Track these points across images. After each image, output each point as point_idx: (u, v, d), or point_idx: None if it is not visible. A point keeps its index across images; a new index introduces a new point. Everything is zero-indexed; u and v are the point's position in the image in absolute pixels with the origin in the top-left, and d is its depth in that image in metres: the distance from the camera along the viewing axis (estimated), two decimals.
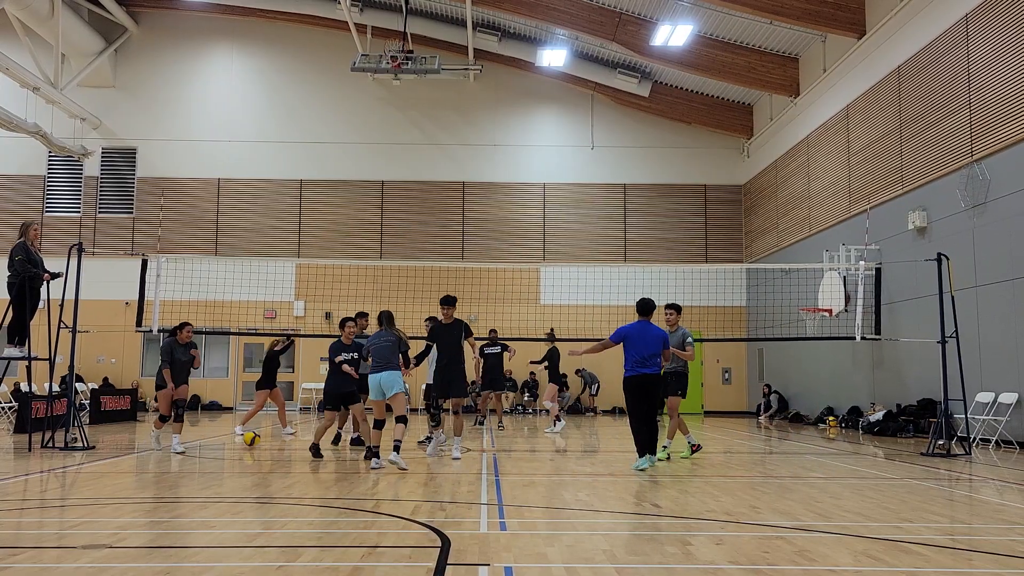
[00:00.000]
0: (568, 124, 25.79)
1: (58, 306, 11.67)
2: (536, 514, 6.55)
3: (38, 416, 13.00)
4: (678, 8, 20.04)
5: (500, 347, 16.46)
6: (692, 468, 10.22)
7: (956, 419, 13.06)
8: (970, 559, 5.02)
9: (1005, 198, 13.10)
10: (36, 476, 8.89)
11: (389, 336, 9.80)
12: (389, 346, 9.73)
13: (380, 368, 9.68)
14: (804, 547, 5.24)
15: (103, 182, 25.25)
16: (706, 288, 21.77)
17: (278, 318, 24.19)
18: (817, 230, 19.95)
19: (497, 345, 16.45)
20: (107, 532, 5.69)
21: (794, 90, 21.02)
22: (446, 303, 10.89)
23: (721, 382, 25.21)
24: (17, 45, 21.92)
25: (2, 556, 4.85)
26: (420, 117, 25.72)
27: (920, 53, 15.53)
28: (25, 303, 11.33)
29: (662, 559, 4.91)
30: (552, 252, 25.20)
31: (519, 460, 10.85)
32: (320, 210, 25.22)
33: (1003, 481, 8.98)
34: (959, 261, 13.28)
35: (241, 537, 5.71)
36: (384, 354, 9.72)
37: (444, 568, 4.64)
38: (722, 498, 7.40)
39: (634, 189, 25.53)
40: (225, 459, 10.70)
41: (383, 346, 9.74)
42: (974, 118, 13.89)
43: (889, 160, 16.65)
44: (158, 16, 25.80)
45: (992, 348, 13.28)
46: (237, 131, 25.41)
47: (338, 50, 24.83)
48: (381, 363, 9.68)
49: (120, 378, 24.05)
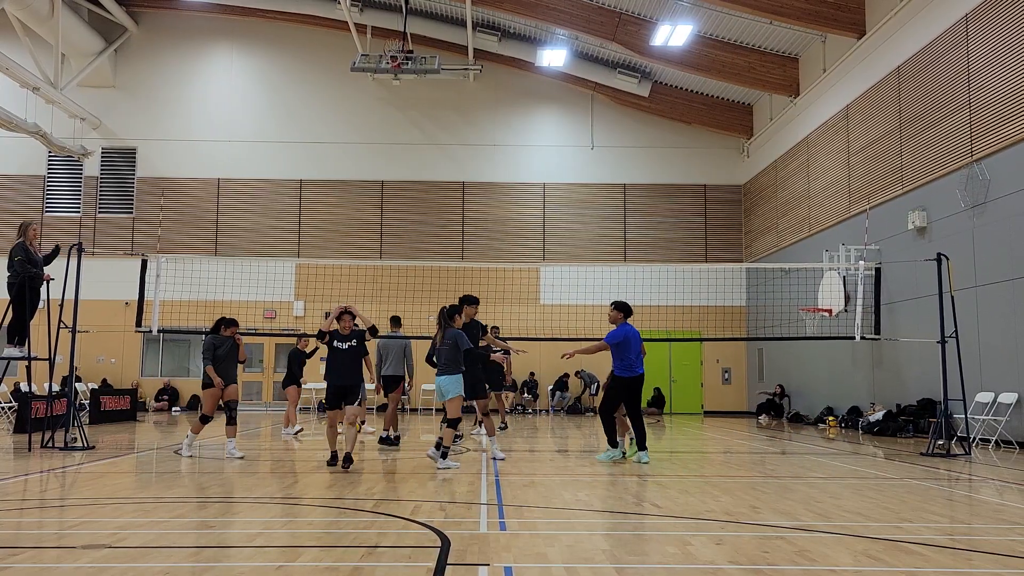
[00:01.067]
0: (568, 124, 25.79)
1: (58, 306, 11.67)
2: (536, 514, 6.55)
3: (38, 416, 12.99)
4: (678, 8, 20.04)
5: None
6: (692, 468, 10.23)
7: (956, 419, 13.06)
8: (970, 559, 5.02)
9: (1005, 198, 13.10)
10: (36, 476, 8.89)
11: (448, 337, 9.69)
12: (448, 348, 9.62)
13: (440, 371, 9.65)
14: (804, 547, 5.24)
15: (103, 182, 25.25)
16: (706, 288, 21.79)
17: (278, 318, 24.19)
18: (817, 230, 19.95)
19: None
20: (107, 532, 5.69)
21: (794, 90, 21.02)
22: (470, 302, 10.87)
23: (721, 382, 25.21)
24: (17, 45, 21.92)
25: (2, 556, 4.85)
26: (420, 117, 25.72)
27: (920, 53, 15.53)
28: (25, 303, 11.34)
29: (662, 559, 4.91)
30: (552, 252, 25.21)
31: (519, 460, 10.84)
32: (320, 210, 25.23)
33: (1003, 481, 8.98)
34: (959, 261, 13.28)
35: (241, 537, 5.71)
36: (447, 355, 9.62)
37: (444, 568, 4.64)
38: (722, 498, 7.40)
39: (634, 189, 25.53)
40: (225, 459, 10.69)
41: (444, 348, 9.65)
42: (974, 118, 13.89)
43: (889, 160, 16.66)
44: (158, 16, 25.80)
45: (992, 348, 13.28)
46: (237, 131, 25.41)
47: (338, 50, 24.84)
48: (443, 366, 9.63)
49: (120, 378, 24.06)
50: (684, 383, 25.14)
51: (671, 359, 25.03)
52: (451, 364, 9.57)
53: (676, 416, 23.76)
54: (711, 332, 22.24)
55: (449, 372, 9.58)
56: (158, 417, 21.26)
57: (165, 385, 24.31)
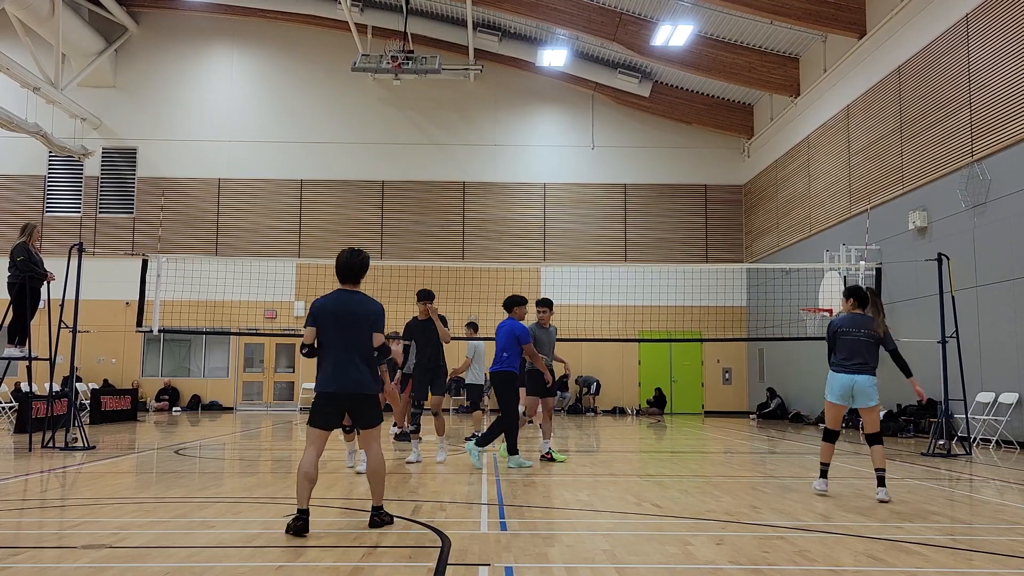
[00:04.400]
0: (568, 124, 25.79)
1: (58, 306, 11.67)
2: (536, 514, 6.54)
3: (38, 416, 13.00)
4: (678, 8, 20.04)
5: None
6: (693, 468, 10.22)
7: (956, 419, 13.06)
8: (970, 559, 5.02)
9: (1005, 198, 13.10)
10: (36, 476, 8.89)
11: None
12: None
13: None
14: (804, 547, 5.24)
15: (103, 182, 25.26)
16: (706, 288, 21.80)
17: (278, 318, 24.19)
18: (817, 230, 19.95)
19: None
20: (107, 532, 5.69)
21: (794, 90, 21.02)
22: (423, 298, 9.96)
23: (721, 382, 25.20)
24: (17, 45, 21.92)
25: (2, 556, 4.85)
26: (420, 117, 25.72)
27: (920, 53, 15.52)
28: (25, 303, 11.34)
29: (663, 559, 4.90)
30: (552, 252, 25.20)
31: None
32: (320, 210, 25.23)
33: (1003, 481, 8.98)
34: (959, 261, 13.28)
35: (241, 537, 5.71)
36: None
37: (444, 568, 4.64)
38: (722, 498, 7.40)
39: (634, 189, 25.53)
40: (225, 459, 10.69)
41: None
42: (974, 118, 13.88)
43: (889, 160, 16.65)
44: (158, 16, 25.80)
45: (992, 348, 13.28)
46: (238, 131, 25.41)
47: (338, 50, 24.83)
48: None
49: (120, 378, 24.05)
50: (685, 383, 25.13)
51: (671, 359, 25.03)
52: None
53: (677, 416, 23.76)
54: (711, 332, 22.24)
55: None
56: (159, 417, 21.27)
57: (166, 385, 24.31)
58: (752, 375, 24.71)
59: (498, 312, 10.28)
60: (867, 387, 7.39)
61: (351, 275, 5.86)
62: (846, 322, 7.57)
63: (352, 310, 5.71)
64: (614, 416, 23.39)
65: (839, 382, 7.50)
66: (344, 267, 5.84)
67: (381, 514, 5.79)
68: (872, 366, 7.42)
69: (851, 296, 7.79)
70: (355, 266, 5.85)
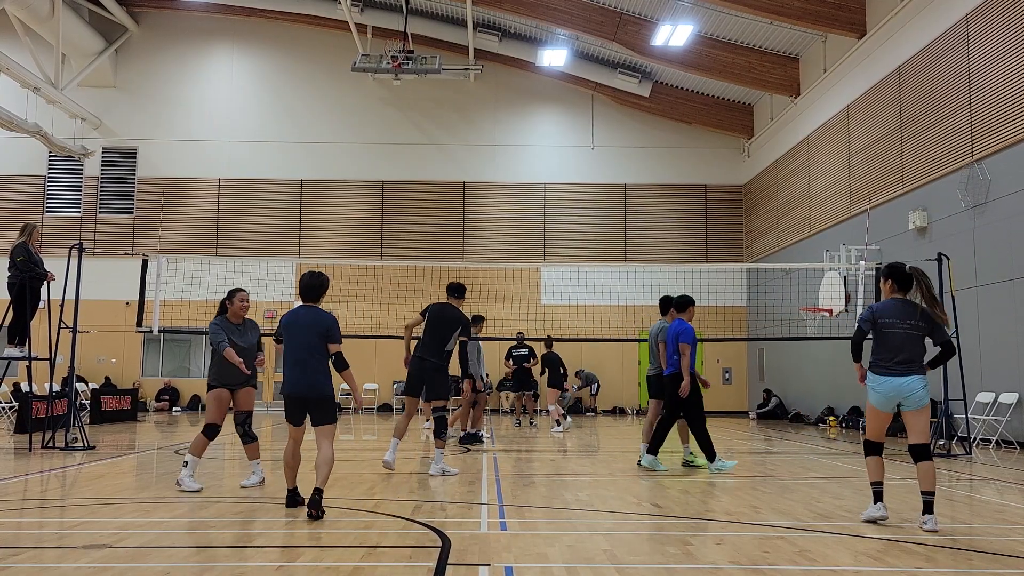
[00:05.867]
0: (568, 124, 25.78)
1: (58, 306, 11.67)
2: (536, 514, 6.54)
3: (38, 416, 13.00)
4: (678, 8, 20.04)
5: (527, 349, 17.10)
6: (692, 468, 10.22)
7: (956, 419, 13.06)
8: (970, 559, 5.02)
9: (1005, 198, 13.10)
10: (36, 476, 8.89)
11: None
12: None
13: None
14: (805, 547, 5.24)
15: (103, 182, 25.25)
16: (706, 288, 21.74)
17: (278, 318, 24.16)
18: (817, 230, 19.95)
19: (525, 347, 17.10)
20: (107, 532, 5.69)
21: (794, 90, 21.02)
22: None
23: (721, 382, 25.19)
24: (17, 45, 21.90)
25: (2, 556, 4.85)
26: (420, 117, 25.71)
27: (920, 53, 15.52)
28: (26, 303, 11.34)
29: (663, 559, 4.90)
30: (552, 252, 25.20)
31: (519, 460, 10.85)
32: (320, 210, 25.23)
33: (1003, 481, 8.98)
34: (959, 261, 13.28)
35: (241, 537, 5.71)
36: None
37: (444, 568, 4.64)
38: (722, 498, 7.40)
39: (634, 189, 25.53)
40: (225, 459, 10.69)
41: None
42: (974, 118, 13.89)
43: (889, 160, 16.65)
44: (158, 16, 25.80)
45: (992, 348, 13.28)
46: (237, 131, 25.41)
47: (338, 50, 24.83)
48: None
49: (121, 378, 24.05)
50: None
51: None
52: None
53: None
54: (711, 332, 22.21)
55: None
56: (159, 417, 21.27)
57: (166, 385, 24.31)
58: (752, 375, 24.71)
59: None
60: (919, 389, 6.04)
61: (311, 294, 6.81)
62: (888, 310, 6.14)
63: (306, 323, 6.58)
64: (614, 416, 23.39)
65: (884, 387, 6.11)
66: (304, 288, 6.83)
67: (319, 496, 6.13)
68: (921, 365, 6.10)
69: (890, 277, 6.24)
70: (314, 287, 6.82)
